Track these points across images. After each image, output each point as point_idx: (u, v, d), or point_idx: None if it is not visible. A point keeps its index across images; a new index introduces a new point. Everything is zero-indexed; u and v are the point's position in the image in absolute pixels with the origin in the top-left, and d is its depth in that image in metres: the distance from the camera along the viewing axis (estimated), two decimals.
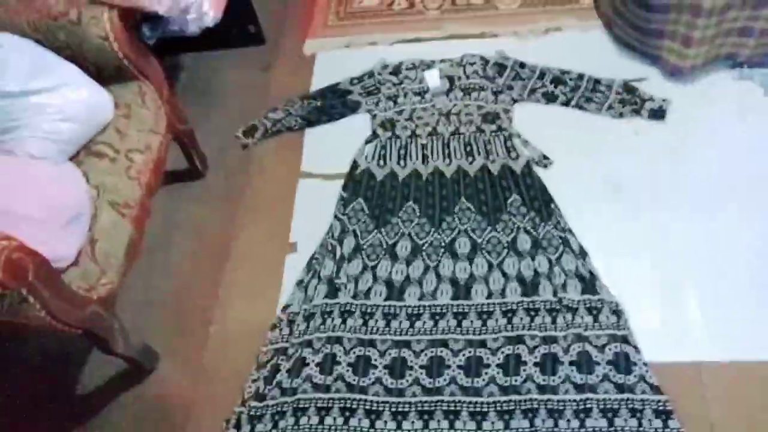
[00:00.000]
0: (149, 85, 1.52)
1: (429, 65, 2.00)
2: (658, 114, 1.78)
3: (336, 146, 1.87)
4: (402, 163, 1.80)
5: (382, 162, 1.80)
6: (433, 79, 1.97)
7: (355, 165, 1.81)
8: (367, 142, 1.86)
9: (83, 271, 1.23)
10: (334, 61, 2.11)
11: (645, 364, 1.36)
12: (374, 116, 1.92)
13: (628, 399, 1.32)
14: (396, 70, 2.00)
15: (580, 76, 1.89)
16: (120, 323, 1.34)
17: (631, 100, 1.82)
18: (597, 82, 1.87)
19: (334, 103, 1.97)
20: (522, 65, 1.95)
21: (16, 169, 1.24)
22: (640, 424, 1.29)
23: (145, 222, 1.42)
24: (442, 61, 2.00)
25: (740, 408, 1.30)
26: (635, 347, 1.39)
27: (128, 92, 1.49)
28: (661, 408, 1.30)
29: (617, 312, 1.44)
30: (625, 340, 1.40)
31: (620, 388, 1.33)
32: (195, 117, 1.89)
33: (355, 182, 1.77)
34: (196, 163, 1.82)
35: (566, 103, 1.86)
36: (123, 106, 1.47)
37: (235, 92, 2.09)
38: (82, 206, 1.27)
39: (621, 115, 1.81)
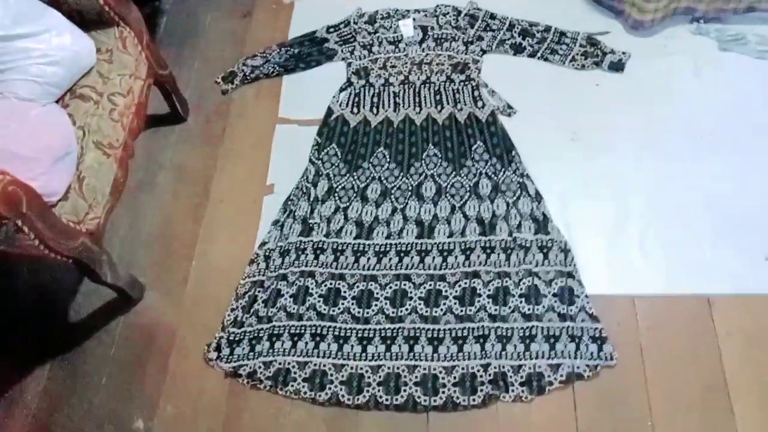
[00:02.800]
0: (129, 30, 1.58)
1: (404, 15, 2.06)
2: (618, 66, 1.88)
3: (312, 93, 1.95)
4: (374, 110, 1.89)
5: (355, 109, 1.89)
6: (407, 28, 2.03)
7: (329, 112, 1.89)
8: (342, 89, 1.94)
9: (72, 205, 1.33)
10: (311, 9, 2.16)
11: (586, 296, 1.51)
12: (349, 64, 1.99)
13: (569, 327, 1.47)
14: (371, 19, 2.06)
15: (547, 29, 1.97)
16: (108, 255, 1.45)
17: (593, 53, 1.91)
18: (563, 34, 1.96)
19: (310, 51, 2.04)
20: (492, 16, 2.02)
21: (6, 110, 1.32)
22: (578, 348, 1.44)
23: (128, 162, 1.51)
24: (416, 11, 2.07)
25: (666, 335, 1.46)
26: (579, 282, 1.53)
27: (109, 38, 1.55)
28: (597, 335, 1.46)
29: (565, 251, 1.58)
30: (570, 275, 1.54)
31: (563, 317, 1.48)
32: (175, 62, 1.96)
33: (330, 128, 1.86)
34: (177, 107, 1.89)
35: (533, 55, 1.95)
36: (105, 51, 1.54)
37: (214, 38, 2.14)
38: (69, 145, 1.35)
39: (583, 66, 1.90)
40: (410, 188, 1.72)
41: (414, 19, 2.04)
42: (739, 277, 1.50)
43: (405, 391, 1.43)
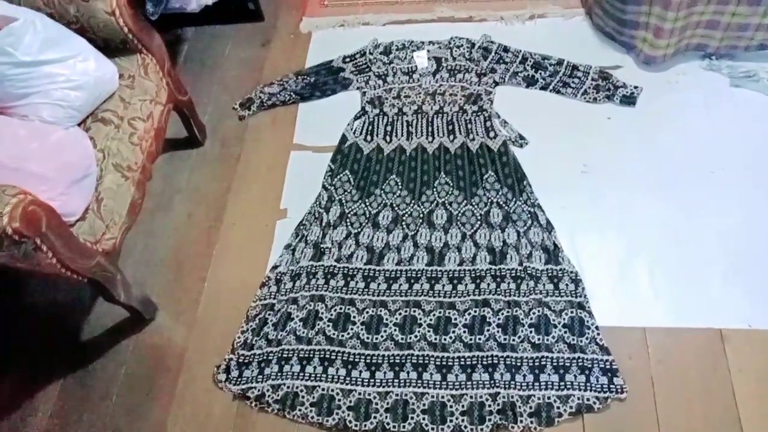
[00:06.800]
0: (152, 57, 1.63)
1: (418, 46, 2.11)
2: (630, 100, 1.90)
3: (327, 121, 1.99)
4: (388, 138, 1.92)
5: (369, 137, 1.92)
6: (421, 59, 2.08)
7: (343, 139, 1.93)
8: (356, 117, 1.98)
9: (90, 225, 1.36)
10: (328, 40, 2.22)
11: (597, 327, 1.50)
12: (364, 93, 2.03)
13: (578, 358, 1.46)
14: (387, 50, 2.11)
15: (560, 62, 2.00)
16: (122, 275, 1.47)
17: (605, 87, 1.93)
18: (575, 68, 1.99)
19: (326, 80, 2.08)
20: (506, 49, 2.06)
21: (30, 131, 1.36)
22: (588, 380, 1.43)
23: (145, 184, 1.54)
24: (430, 42, 2.11)
25: (678, 368, 1.44)
26: (589, 312, 1.53)
27: (132, 64, 1.60)
28: (607, 366, 1.44)
29: (576, 281, 1.58)
30: (581, 306, 1.54)
31: (573, 348, 1.48)
32: (195, 88, 2.01)
33: (343, 155, 1.89)
34: (195, 132, 1.94)
35: (545, 87, 1.98)
36: (127, 77, 1.58)
37: (233, 66, 2.20)
38: (89, 167, 1.39)
39: (595, 100, 1.92)
40: (421, 215, 1.74)
41: (428, 51, 2.09)
42: (752, 312, 1.49)
43: (413, 418, 1.42)
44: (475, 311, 1.55)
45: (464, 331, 1.52)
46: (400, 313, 1.57)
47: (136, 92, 1.58)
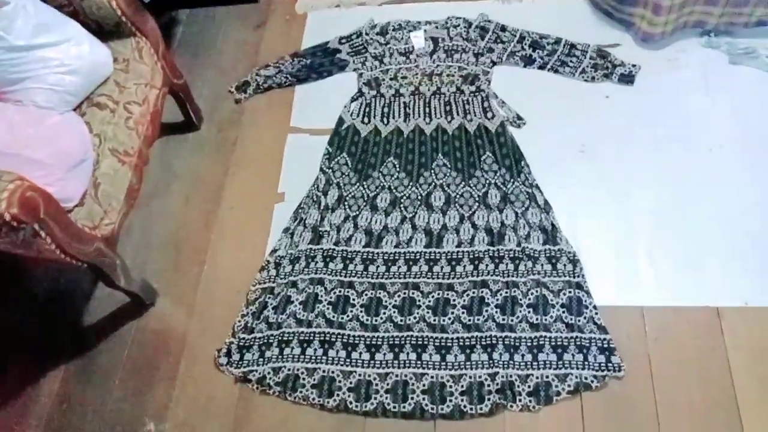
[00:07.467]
0: (146, 41, 1.61)
1: (415, 26, 2.09)
2: (628, 79, 1.89)
3: (324, 103, 1.98)
4: (385, 120, 1.91)
5: (366, 119, 1.91)
6: (418, 40, 2.06)
7: (340, 121, 1.92)
8: (353, 99, 1.96)
9: (88, 211, 1.36)
10: (324, 20, 2.20)
11: (595, 307, 1.51)
12: (360, 75, 2.02)
13: (576, 337, 1.47)
14: (383, 31, 2.09)
15: (557, 41, 1.99)
16: (122, 260, 1.48)
17: (603, 65, 1.92)
18: (573, 46, 1.97)
19: (322, 62, 2.07)
20: (503, 29, 2.04)
21: (25, 117, 1.35)
22: (585, 359, 1.44)
23: (143, 169, 1.54)
24: (427, 22, 2.09)
25: (675, 346, 1.45)
26: (587, 292, 1.53)
27: (126, 48, 1.59)
28: (605, 345, 1.45)
29: (574, 261, 1.58)
30: (578, 286, 1.54)
31: (571, 327, 1.49)
32: (190, 71, 1.99)
33: (341, 138, 1.88)
34: (191, 116, 1.92)
35: (542, 67, 1.96)
36: (122, 61, 1.57)
37: (228, 48, 2.18)
38: (85, 152, 1.39)
39: (593, 79, 1.91)
40: (419, 197, 1.74)
41: (425, 31, 2.07)
42: (748, 290, 1.49)
43: (412, 398, 1.43)
44: (474, 292, 1.55)
45: (463, 312, 1.53)
46: (399, 295, 1.58)
47: (130, 76, 1.56)
